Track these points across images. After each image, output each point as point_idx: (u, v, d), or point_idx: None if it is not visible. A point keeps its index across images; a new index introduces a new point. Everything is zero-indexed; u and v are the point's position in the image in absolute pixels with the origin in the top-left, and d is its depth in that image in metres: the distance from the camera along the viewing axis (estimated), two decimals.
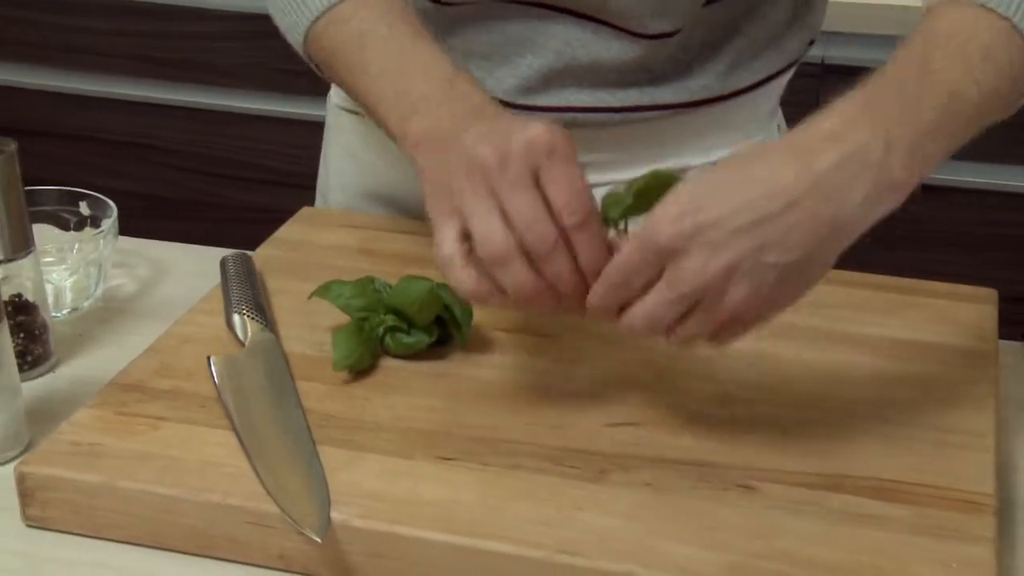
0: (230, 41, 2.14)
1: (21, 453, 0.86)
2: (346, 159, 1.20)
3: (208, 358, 0.87)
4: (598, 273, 0.76)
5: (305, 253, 1.05)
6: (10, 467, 0.83)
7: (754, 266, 0.73)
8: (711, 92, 1.07)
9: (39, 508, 0.78)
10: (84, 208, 1.07)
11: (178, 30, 2.18)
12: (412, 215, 1.11)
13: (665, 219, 0.74)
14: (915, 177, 0.76)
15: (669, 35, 1.02)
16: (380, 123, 0.89)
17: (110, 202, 1.06)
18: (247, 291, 0.94)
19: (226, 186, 2.28)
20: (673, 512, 0.74)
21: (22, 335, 0.93)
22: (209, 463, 0.78)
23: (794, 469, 0.78)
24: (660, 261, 0.74)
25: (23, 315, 0.93)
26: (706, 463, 0.79)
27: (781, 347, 0.92)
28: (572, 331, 0.93)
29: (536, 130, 0.77)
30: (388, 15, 0.92)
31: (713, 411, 0.84)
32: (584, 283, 0.77)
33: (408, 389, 0.86)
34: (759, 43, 1.07)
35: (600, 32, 1.02)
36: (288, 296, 0.97)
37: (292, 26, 0.98)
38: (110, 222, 1.03)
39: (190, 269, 1.11)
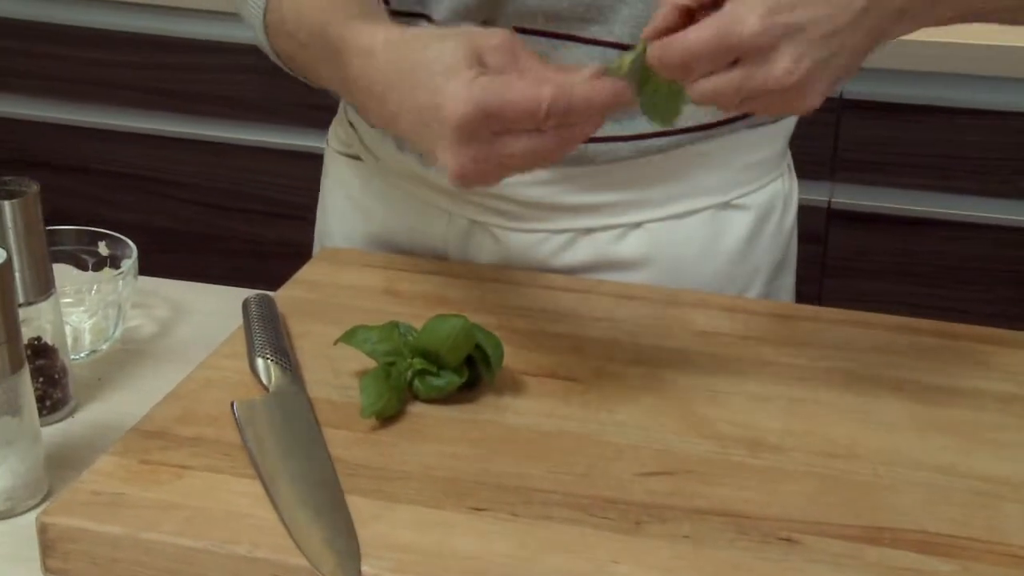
0: (244, 74, 2.13)
1: (41, 502, 0.84)
2: (346, 206, 1.19)
3: (232, 404, 0.86)
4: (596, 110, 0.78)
5: (328, 294, 1.03)
6: (30, 516, 0.81)
7: (824, 70, 0.76)
8: (721, 114, 1.05)
9: (60, 560, 0.76)
10: (103, 248, 1.06)
11: (191, 62, 2.18)
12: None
13: (755, 11, 0.74)
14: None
15: None
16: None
17: (129, 242, 1.04)
18: (270, 334, 0.93)
19: (237, 220, 2.27)
20: (713, 566, 0.73)
21: (41, 379, 0.92)
22: (234, 514, 0.76)
23: (833, 521, 0.77)
24: (738, 53, 0.75)
25: (42, 359, 0.92)
26: (744, 514, 0.77)
27: (814, 392, 0.90)
28: (600, 376, 0.91)
29: (451, 107, 0.76)
30: None
31: (747, 459, 0.83)
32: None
33: (436, 436, 0.85)
34: None
35: (608, 56, 0.99)
36: (312, 339, 0.96)
37: (252, 22, 0.99)
38: (130, 263, 1.02)
39: (209, 309, 1.09)
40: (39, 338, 0.92)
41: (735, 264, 1.10)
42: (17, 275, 0.88)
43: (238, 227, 2.27)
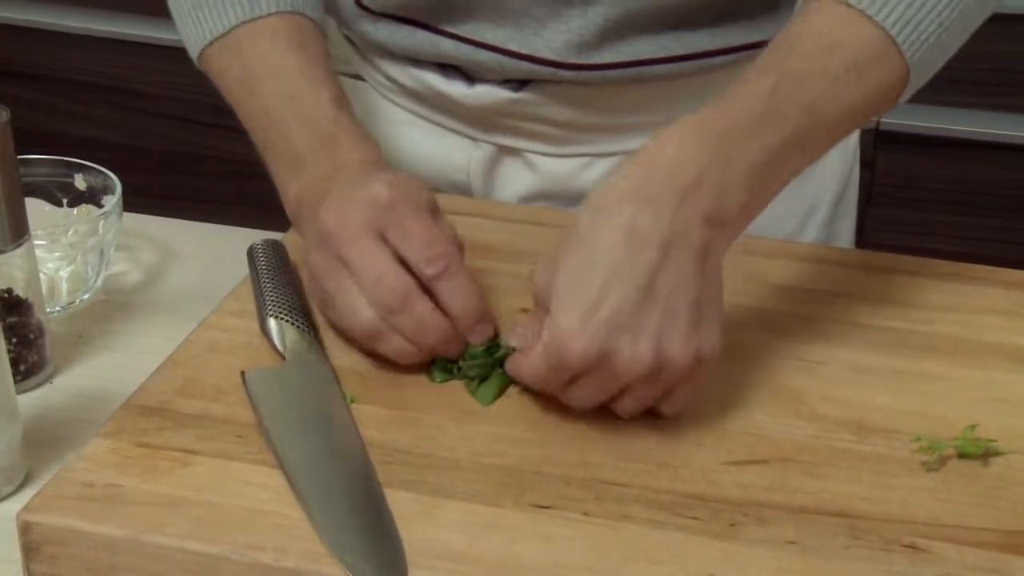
0: None
1: (18, 489, 0.77)
2: None
3: (242, 374, 0.78)
4: (473, 316, 0.79)
5: None
6: (7, 506, 0.75)
7: (672, 317, 0.73)
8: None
9: (47, 564, 0.69)
10: (80, 181, 0.97)
11: None
12: None
13: (571, 330, 0.72)
14: (759, 197, 0.78)
15: None
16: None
17: (112, 175, 0.96)
18: (283, 289, 0.85)
19: (211, 136, 2.18)
20: None
21: (14, 340, 0.84)
22: (255, 512, 0.69)
23: (965, 524, 0.70)
24: (579, 371, 0.74)
25: (14, 315, 0.84)
26: (857, 514, 0.70)
27: (920, 362, 0.83)
28: None
29: (374, 188, 0.79)
30: (283, 43, 0.91)
31: (853, 445, 0.76)
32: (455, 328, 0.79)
33: (485, 414, 0.78)
34: None
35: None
36: None
37: (188, 40, 0.96)
38: (114, 200, 0.94)
39: (202, 253, 1.02)
40: (10, 290, 0.84)
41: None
42: None
43: (210, 143, 2.18)
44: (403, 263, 0.78)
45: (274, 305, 0.83)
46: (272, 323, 0.82)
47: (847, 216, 1.13)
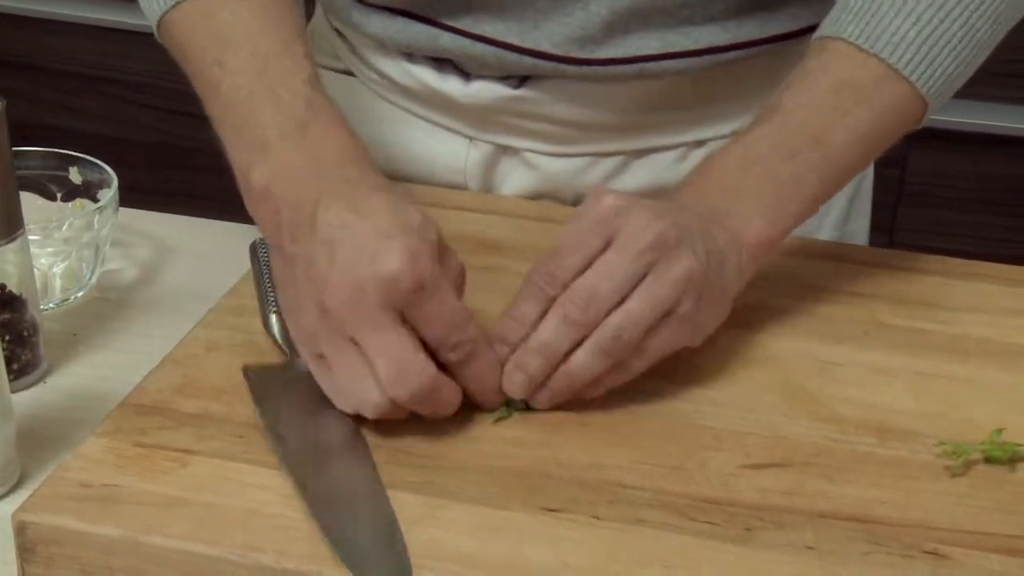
0: None
1: (12, 489, 0.79)
2: None
3: (243, 371, 0.80)
4: (488, 394, 0.79)
5: None
6: (1, 507, 0.76)
7: (686, 230, 0.79)
8: (799, 21, 1.01)
9: (42, 566, 0.71)
10: (75, 174, 0.99)
11: None
12: None
13: (603, 192, 0.79)
14: (778, 223, 0.84)
15: None
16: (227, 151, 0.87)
17: (107, 168, 0.98)
18: None
19: (201, 128, 2.20)
20: None
21: (7, 338, 0.86)
22: (255, 513, 0.71)
23: (989, 530, 0.71)
24: (606, 230, 0.78)
25: (8, 312, 0.86)
26: (877, 520, 0.72)
27: (945, 364, 0.85)
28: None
29: (392, 263, 0.73)
30: (258, 12, 0.88)
31: (875, 449, 0.77)
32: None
33: (492, 415, 0.79)
34: None
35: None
36: None
37: (147, 5, 0.93)
38: (110, 194, 0.96)
39: (198, 249, 1.04)
40: (3, 286, 0.86)
41: None
42: None
43: (200, 136, 2.20)
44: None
45: (276, 301, 0.85)
46: (274, 320, 0.84)
47: (861, 216, 1.14)
